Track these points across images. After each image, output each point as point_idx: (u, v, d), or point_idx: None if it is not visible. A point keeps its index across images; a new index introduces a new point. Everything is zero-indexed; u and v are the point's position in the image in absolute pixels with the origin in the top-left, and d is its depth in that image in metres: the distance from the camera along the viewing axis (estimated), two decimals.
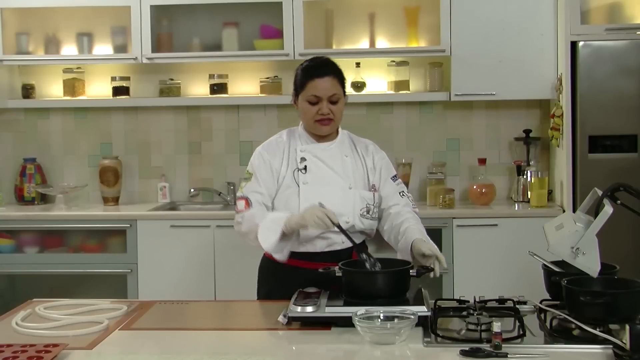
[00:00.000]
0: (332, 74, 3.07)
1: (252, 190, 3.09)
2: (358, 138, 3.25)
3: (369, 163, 3.17)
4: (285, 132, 3.22)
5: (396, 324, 2.38)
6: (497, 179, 5.13)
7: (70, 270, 4.95)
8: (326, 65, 3.10)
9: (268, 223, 2.93)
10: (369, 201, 3.10)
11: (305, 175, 3.08)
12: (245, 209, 3.05)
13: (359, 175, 3.14)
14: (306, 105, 3.08)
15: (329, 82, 3.05)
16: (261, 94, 5.23)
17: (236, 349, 2.40)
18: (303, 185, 3.06)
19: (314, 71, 3.07)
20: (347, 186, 3.09)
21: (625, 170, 4.49)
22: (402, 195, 3.17)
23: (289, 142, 3.15)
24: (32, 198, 5.31)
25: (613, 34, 4.53)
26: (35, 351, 2.26)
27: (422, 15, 5.07)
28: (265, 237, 2.92)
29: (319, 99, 3.05)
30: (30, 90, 5.37)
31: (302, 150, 3.12)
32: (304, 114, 3.11)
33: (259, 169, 3.11)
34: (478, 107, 5.21)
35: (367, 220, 3.09)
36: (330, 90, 3.05)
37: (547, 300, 2.70)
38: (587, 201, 2.67)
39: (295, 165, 3.10)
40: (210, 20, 5.20)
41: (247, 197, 3.08)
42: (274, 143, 3.18)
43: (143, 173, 5.42)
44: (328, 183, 3.07)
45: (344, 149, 3.16)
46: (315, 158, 3.11)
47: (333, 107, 3.06)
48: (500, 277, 4.60)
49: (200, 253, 4.80)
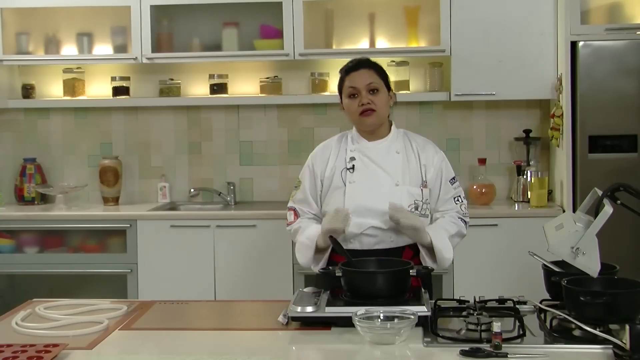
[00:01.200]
0: (367, 66, 3.13)
1: (299, 199, 3.21)
2: (414, 135, 3.25)
3: (424, 160, 3.15)
4: (338, 135, 3.27)
5: (396, 324, 2.38)
6: (497, 179, 5.13)
7: (70, 270, 4.95)
8: (361, 60, 3.17)
9: (303, 239, 3.08)
10: (417, 197, 3.09)
11: (353, 174, 3.10)
12: (293, 220, 3.19)
13: (410, 172, 3.12)
14: (347, 101, 3.12)
15: (365, 73, 3.10)
16: (261, 94, 5.23)
17: (236, 349, 2.40)
18: (349, 184, 3.09)
19: (350, 68, 3.15)
20: (394, 183, 3.08)
21: (625, 170, 4.49)
22: (457, 200, 3.20)
23: (339, 144, 3.20)
24: (32, 198, 5.31)
25: (613, 34, 4.53)
26: (35, 351, 2.26)
27: (422, 15, 5.07)
28: (301, 253, 3.10)
29: (356, 90, 3.08)
30: (30, 90, 5.38)
31: (352, 150, 3.15)
32: (348, 111, 3.14)
33: (305, 176, 3.22)
34: (478, 107, 5.21)
35: None
36: (366, 79, 3.08)
37: (547, 300, 2.70)
38: (587, 201, 2.67)
39: (344, 165, 3.13)
40: (210, 20, 5.20)
41: (295, 209, 3.20)
42: (322, 147, 3.26)
43: (143, 173, 5.42)
44: (374, 181, 3.08)
45: (395, 146, 3.16)
46: (365, 157, 3.12)
47: (373, 98, 3.08)
48: (500, 277, 4.60)
49: (200, 253, 4.80)
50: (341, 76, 3.17)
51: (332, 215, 3.00)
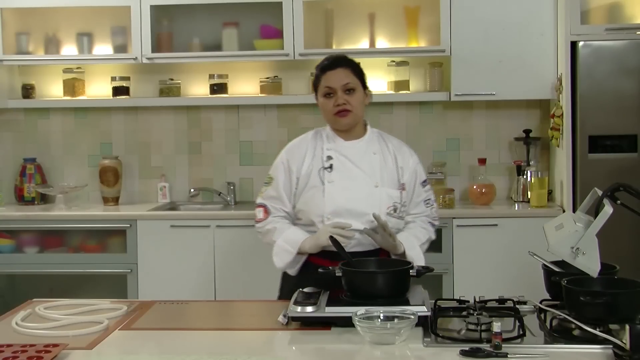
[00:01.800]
0: (343, 65, 3.09)
1: (270, 196, 3.15)
2: (389, 136, 3.24)
3: (400, 162, 3.15)
4: (312, 132, 3.22)
5: (396, 324, 2.38)
6: (497, 179, 5.13)
7: (70, 270, 4.95)
8: (338, 58, 3.14)
9: (283, 244, 3.05)
10: (396, 199, 3.09)
11: (331, 173, 3.08)
12: (263, 217, 3.13)
13: (388, 173, 3.12)
14: (323, 99, 3.10)
15: (341, 72, 3.07)
16: (261, 94, 5.23)
17: (236, 349, 2.40)
18: (328, 184, 3.06)
19: (325, 66, 3.11)
20: (374, 184, 3.07)
21: (625, 170, 4.49)
22: (427, 204, 3.20)
23: (314, 141, 3.16)
24: (32, 198, 5.31)
25: (613, 34, 4.53)
26: (35, 351, 2.26)
27: (422, 15, 5.07)
28: (279, 257, 3.07)
29: (332, 90, 3.06)
30: (30, 90, 5.38)
31: (328, 149, 3.12)
32: (323, 110, 3.12)
33: (278, 172, 3.15)
34: (478, 107, 5.21)
35: (393, 219, 3.08)
36: (343, 79, 3.06)
37: (547, 300, 2.70)
38: (587, 201, 2.67)
39: (321, 164, 3.10)
40: (210, 20, 5.20)
41: (265, 205, 3.14)
42: (296, 144, 3.20)
43: (143, 173, 5.42)
44: (354, 181, 3.07)
45: (372, 147, 3.14)
46: (342, 156, 3.10)
47: (349, 98, 3.06)
48: (500, 277, 4.60)
49: (200, 253, 4.81)
50: (317, 74, 3.13)
51: (331, 230, 2.94)
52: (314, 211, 3.06)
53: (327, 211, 3.03)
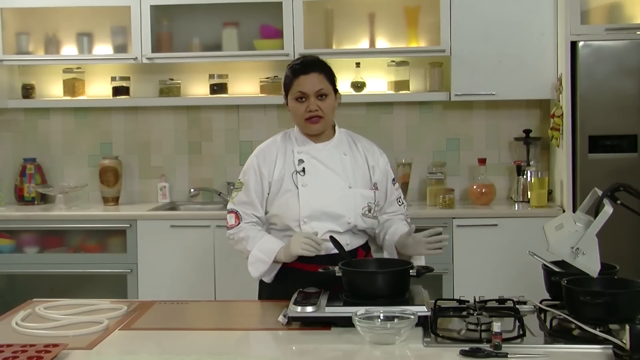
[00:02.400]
0: (317, 70, 3.03)
1: (241, 201, 3.09)
2: (358, 136, 3.22)
3: (371, 161, 3.13)
4: (280, 135, 3.18)
5: (396, 324, 2.38)
6: (497, 179, 5.13)
7: (70, 270, 4.95)
8: (312, 62, 3.07)
9: (258, 253, 3.01)
10: (369, 200, 3.07)
11: (304, 177, 3.05)
12: (235, 224, 3.08)
13: (360, 174, 3.10)
14: (294, 103, 3.05)
15: (315, 77, 3.01)
16: (261, 94, 5.23)
17: (236, 349, 2.40)
18: (302, 187, 3.03)
19: (299, 69, 3.03)
20: (347, 186, 3.06)
21: (625, 170, 4.49)
22: (400, 202, 3.20)
23: (284, 145, 3.11)
24: (32, 198, 5.31)
25: (613, 34, 4.53)
26: (35, 351, 2.26)
27: (422, 15, 5.07)
28: (255, 267, 3.03)
29: (305, 95, 3.01)
30: (30, 90, 5.37)
31: (299, 152, 3.08)
32: (293, 113, 3.08)
33: (249, 177, 3.09)
34: (478, 107, 5.21)
35: (368, 219, 3.07)
36: (316, 85, 3.01)
37: (547, 300, 2.70)
38: (587, 201, 2.67)
39: (293, 168, 3.06)
40: (210, 20, 5.20)
41: (236, 211, 3.08)
42: (266, 148, 3.14)
43: (143, 173, 5.42)
44: (327, 184, 3.04)
45: (342, 148, 3.12)
46: (314, 159, 3.07)
47: (321, 104, 3.01)
48: (500, 277, 4.60)
49: (200, 253, 4.80)
50: (289, 75, 3.05)
51: (303, 240, 2.90)
52: (290, 216, 3.02)
53: (303, 215, 3.00)
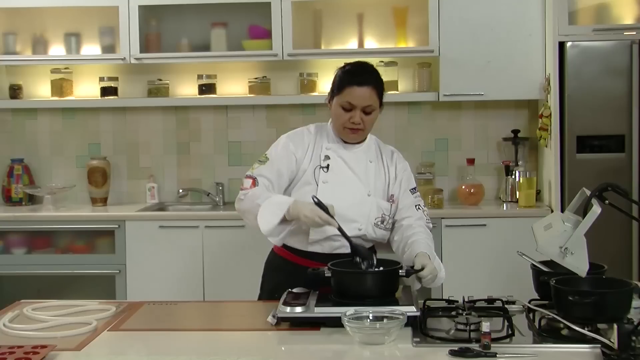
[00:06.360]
0: (372, 84, 2.96)
1: (262, 173, 3.00)
2: (384, 145, 3.18)
3: (392, 172, 3.10)
4: (314, 126, 3.14)
5: (385, 324, 2.38)
6: (486, 179, 5.15)
7: (58, 271, 4.93)
8: (368, 73, 3.00)
9: (270, 206, 2.86)
10: (385, 211, 3.04)
11: (327, 174, 3.02)
12: (250, 188, 2.97)
13: (380, 184, 3.07)
14: (339, 110, 2.99)
15: (368, 92, 2.94)
16: (250, 94, 5.23)
17: (225, 349, 2.40)
18: (322, 184, 3.00)
19: (354, 78, 2.96)
20: (367, 193, 3.03)
21: (613, 170, 4.51)
22: (418, 208, 3.11)
23: (315, 137, 3.09)
24: (20, 199, 5.29)
25: (601, 35, 4.56)
26: (23, 353, 2.25)
27: (411, 15, 5.08)
28: (265, 219, 2.84)
29: (353, 106, 2.96)
30: (18, 90, 5.35)
31: (327, 148, 3.06)
32: (335, 117, 3.03)
33: (280, 159, 3.03)
34: (466, 108, 5.22)
35: (380, 230, 3.04)
36: (367, 100, 2.95)
37: (536, 300, 2.71)
38: (575, 201, 2.68)
39: (319, 162, 3.04)
40: (199, 20, 5.19)
41: (255, 178, 2.99)
42: (300, 134, 3.10)
43: (131, 173, 5.41)
44: (348, 186, 3.02)
45: (369, 154, 3.10)
46: (340, 159, 3.05)
47: (365, 118, 2.97)
48: (489, 277, 4.61)
49: (189, 254, 4.80)
50: (343, 78, 2.98)
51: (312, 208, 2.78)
52: None
53: None
